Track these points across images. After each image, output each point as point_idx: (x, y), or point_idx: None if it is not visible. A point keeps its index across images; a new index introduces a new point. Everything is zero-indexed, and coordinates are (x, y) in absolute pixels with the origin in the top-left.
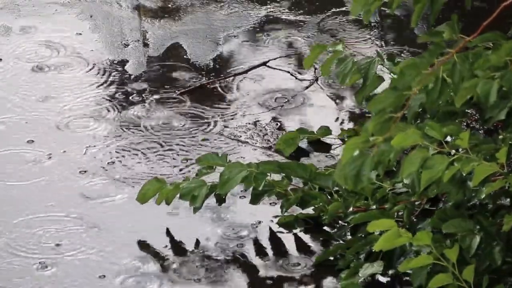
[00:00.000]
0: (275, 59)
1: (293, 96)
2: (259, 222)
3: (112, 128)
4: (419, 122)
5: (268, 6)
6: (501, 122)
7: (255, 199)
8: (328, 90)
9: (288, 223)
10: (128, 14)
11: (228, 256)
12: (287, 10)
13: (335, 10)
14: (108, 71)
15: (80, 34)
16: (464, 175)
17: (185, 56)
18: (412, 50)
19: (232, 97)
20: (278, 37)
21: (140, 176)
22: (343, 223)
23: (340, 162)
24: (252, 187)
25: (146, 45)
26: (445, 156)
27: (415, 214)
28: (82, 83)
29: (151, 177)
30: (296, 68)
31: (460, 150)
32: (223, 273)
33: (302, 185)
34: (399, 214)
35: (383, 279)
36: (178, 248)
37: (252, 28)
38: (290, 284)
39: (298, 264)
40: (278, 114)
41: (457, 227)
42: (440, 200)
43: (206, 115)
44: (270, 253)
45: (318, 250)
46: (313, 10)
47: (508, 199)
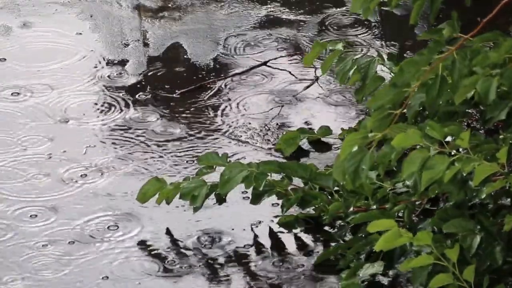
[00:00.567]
0: (275, 59)
1: (293, 96)
2: (259, 222)
3: (112, 128)
4: (420, 121)
5: (269, 6)
6: (501, 122)
7: (256, 199)
8: (328, 90)
9: (288, 223)
10: (128, 13)
11: (228, 256)
12: (287, 10)
13: (336, 9)
14: (108, 71)
15: (80, 33)
16: (464, 175)
17: (185, 56)
18: (412, 50)
19: (232, 97)
20: (278, 37)
21: (141, 176)
22: (343, 223)
23: (338, 158)
24: (252, 187)
25: (146, 45)
26: (445, 156)
27: (416, 214)
28: (82, 83)
29: (151, 176)
30: (296, 68)
31: (461, 150)
32: (223, 273)
33: (303, 185)
34: (400, 214)
35: (384, 279)
36: (177, 247)
37: (253, 28)
38: (290, 284)
39: (298, 264)
40: (279, 114)
41: (457, 227)
42: (441, 200)
43: (206, 115)
44: (270, 253)
45: (318, 250)
46: (313, 9)
47: (509, 199)
